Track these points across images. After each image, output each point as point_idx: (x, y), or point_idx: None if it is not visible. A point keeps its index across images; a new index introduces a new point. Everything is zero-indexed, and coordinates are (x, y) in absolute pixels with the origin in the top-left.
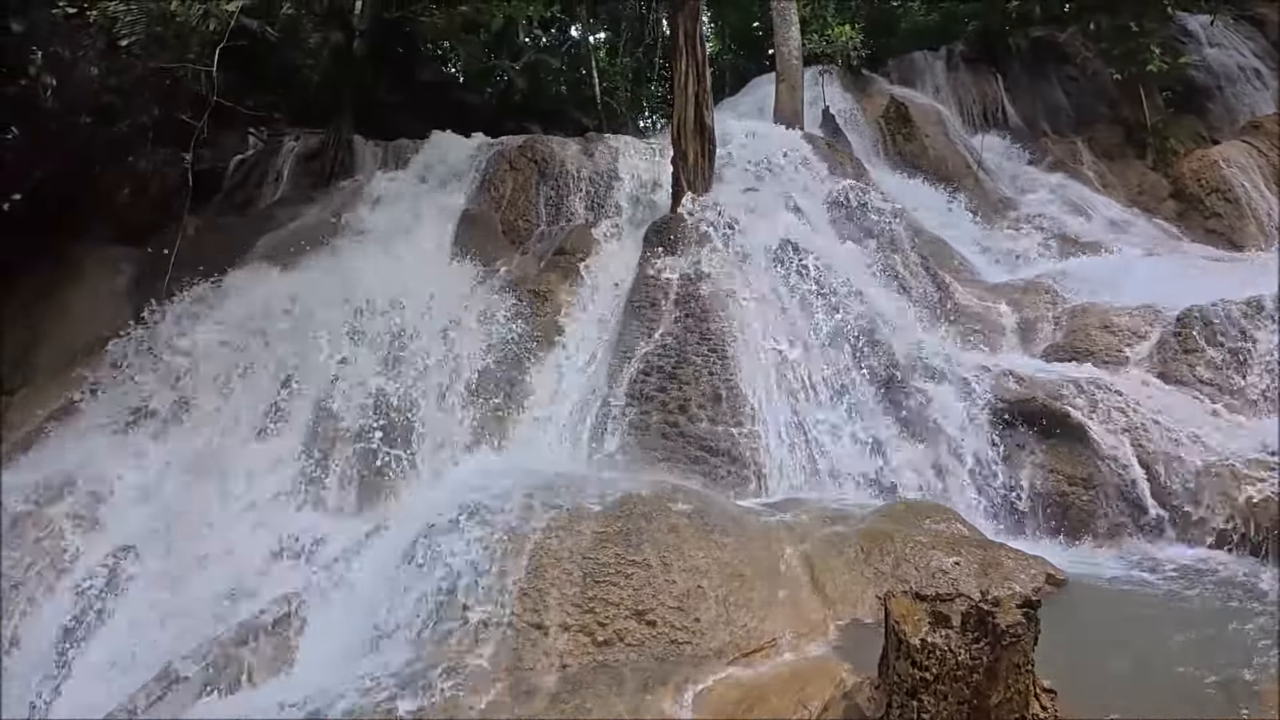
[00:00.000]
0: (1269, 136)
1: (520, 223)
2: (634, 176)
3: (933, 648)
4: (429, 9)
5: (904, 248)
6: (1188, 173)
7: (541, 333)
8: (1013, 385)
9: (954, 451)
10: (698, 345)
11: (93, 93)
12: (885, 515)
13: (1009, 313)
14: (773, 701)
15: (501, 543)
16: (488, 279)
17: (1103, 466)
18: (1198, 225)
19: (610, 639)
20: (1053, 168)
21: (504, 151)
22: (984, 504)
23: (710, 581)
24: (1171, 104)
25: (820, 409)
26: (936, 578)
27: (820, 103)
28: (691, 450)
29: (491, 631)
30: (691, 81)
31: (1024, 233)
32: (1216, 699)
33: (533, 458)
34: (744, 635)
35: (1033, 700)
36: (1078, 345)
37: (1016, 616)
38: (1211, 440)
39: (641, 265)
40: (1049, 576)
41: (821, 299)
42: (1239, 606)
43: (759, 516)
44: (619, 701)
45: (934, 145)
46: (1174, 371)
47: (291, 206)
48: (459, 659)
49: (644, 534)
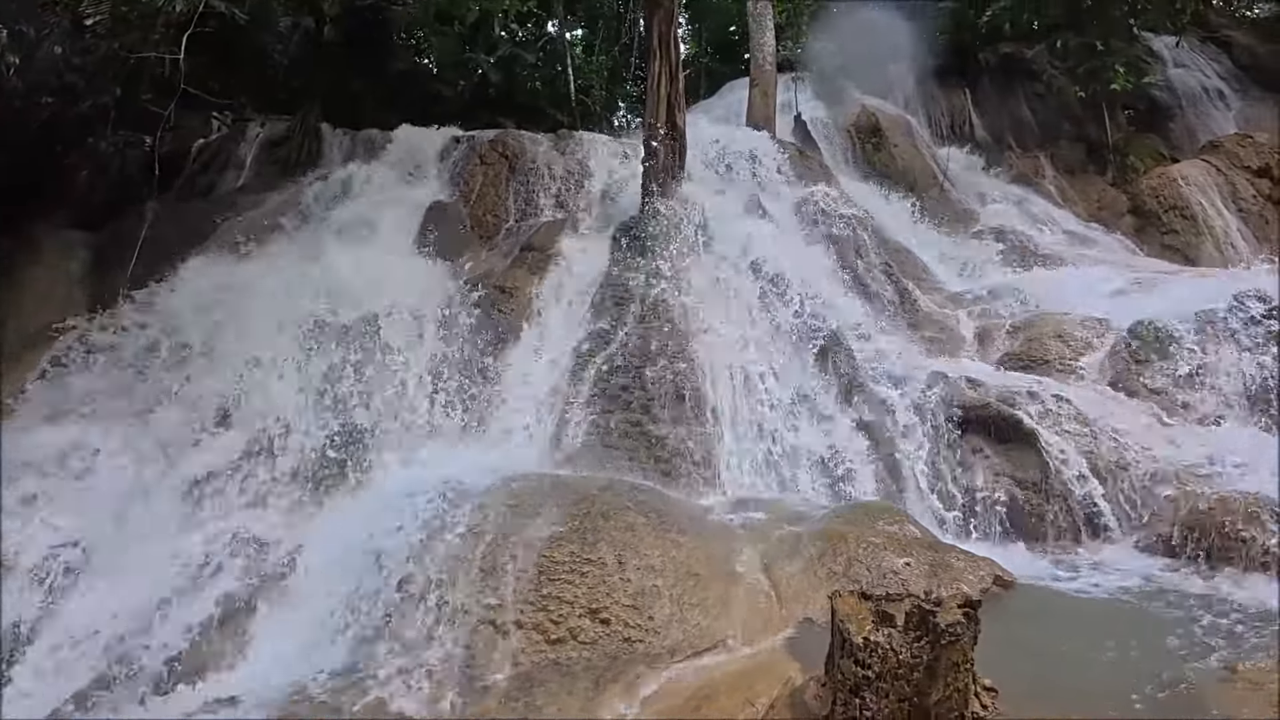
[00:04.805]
0: (1229, 156)
1: (489, 218)
2: (605, 175)
3: (875, 646)
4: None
5: (868, 254)
6: (1147, 190)
7: (506, 329)
8: (969, 391)
9: (910, 455)
10: (662, 346)
11: (56, 73)
12: (840, 516)
13: (968, 321)
14: (722, 700)
15: (456, 540)
16: (454, 273)
17: (1053, 472)
18: (1155, 241)
19: (564, 637)
20: (1016, 181)
21: (475, 145)
22: (938, 507)
23: (665, 580)
24: (1134, 122)
25: (781, 411)
26: (887, 578)
27: (792, 109)
28: (653, 450)
29: (444, 629)
30: (664, 83)
31: (985, 243)
32: (1157, 701)
33: (493, 455)
34: (697, 634)
35: (973, 698)
36: (1032, 354)
37: (957, 616)
38: (1159, 449)
39: (609, 264)
40: (997, 578)
41: (785, 302)
42: (1183, 612)
43: (716, 516)
44: (570, 699)
45: (902, 155)
46: (1124, 381)
47: (254, 194)
48: (410, 657)
49: (600, 532)
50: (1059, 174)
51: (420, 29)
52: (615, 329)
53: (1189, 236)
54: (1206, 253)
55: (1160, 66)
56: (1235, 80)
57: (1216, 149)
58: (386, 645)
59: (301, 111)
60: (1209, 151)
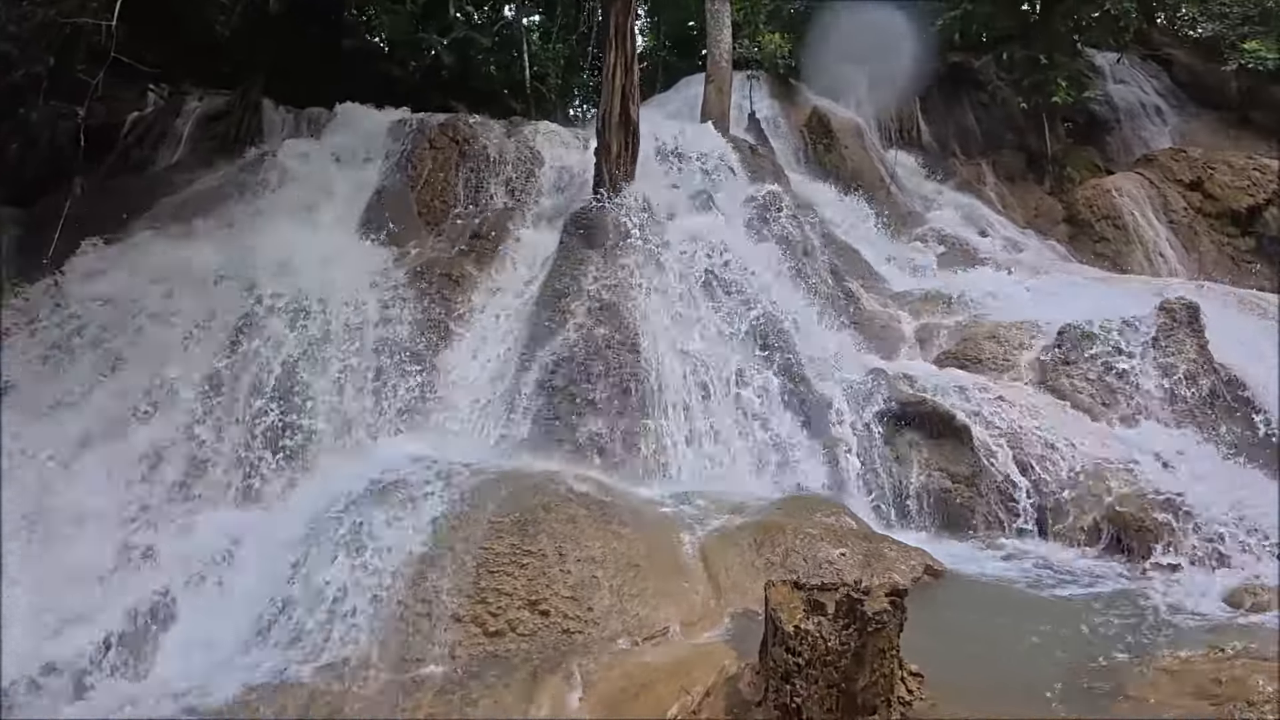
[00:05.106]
0: (1162, 170)
1: (437, 204)
2: (558, 165)
3: (805, 634)
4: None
5: (815, 253)
6: (1081, 199)
7: (452, 319)
8: (906, 389)
9: (849, 448)
10: (609, 338)
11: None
12: (779, 508)
13: (909, 320)
14: (658, 689)
15: (394, 533)
16: (399, 260)
17: (984, 467)
18: (1087, 249)
19: (502, 629)
20: (959, 187)
21: (424, 129)
22: (875, 499)
23: (605, 571)
24: (1072, 134)
25: (726, 404)
26: (823, 568)
27: (747, 107)
28: (599, 441)
29: (380, 623)
30: (620, 74)
31: (928, 246)
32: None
33: (435, 446)
34: (636, 624)
35: (898, 683)
36: (968, 353)
37: (884, 604)
38: (1084, 446)
39: (558, 254)
40: (928, 568)
41: (733, 298)
42: (1103, 601)
43: (659, 508)
44: (507, 692)
45: (852, 157)
46: (1053, 381)
47: (190, 171)
48: (345, 652)
49: (541, 524)
50: (1000, 181)
51: (371, 5)
52: (563, 320)
53: (1120, 245)
54: (1136, 261)
55: (1101, 81)
56: (1173, 96)
57: (1150, 162)
58: (321, 640)
59: (242, 86)
60: (1143, 165)
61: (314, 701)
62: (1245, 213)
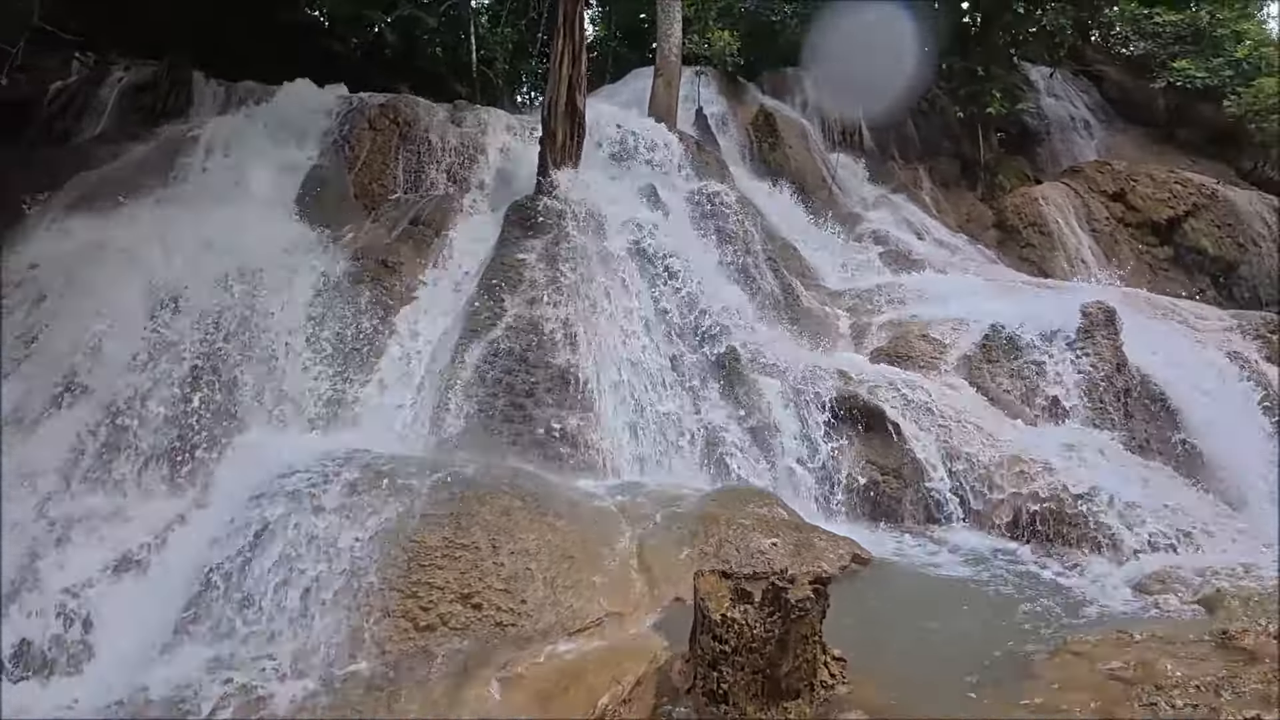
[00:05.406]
0: (1087, 181)
1: (374, 187)
2: (502, 152)
3: (732, 622)
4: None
5: (756, 250)
6: (1010, 206)
7: (387, 307)
8: (840, 384)
9: (784, 441)
10: (549, 329)
11: None
12: (714, 500)
13: (845, 317)
14: (590, 679)
15: (323, 527)
16: (332, 244)
17: (911, 459)
18: (1014, 253)
19: (433, 623)
20: (897, 190)
21: (364, 109)
22: (808, 490)
23: (539, 564)
24: (1005, 144)
25: (664, 397)
26: (755, 558)
27: (695, 102)
28: (537, 434)
29: (308, 618)
30: (567, 63)
31: (866, 246)
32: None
33: (367, 437)
34: (570, 616)
35: (821, 668)
36: (899, 350)
37: (807, 592)
38: (1006, 440)
39: (499, 244)
40: (855, 556)
41: (673, 291)
42: (1019, 589)
43: (595, 500)
44: (436, 686)
45: (796, 157)
46: (978, 379)
47: (114, 144)
48: (272, 647)
49: (475, 517)
50: (935, 186)
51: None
52: (502, 310)
53: (1044, 251)
54: (1059, 266)
55: (1034, 95)
56: (1102, 111)
57: (1077, 173)
58: (247, 636)
59: (171, 57)
60: (1069, 175)
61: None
62: (1165, 224)
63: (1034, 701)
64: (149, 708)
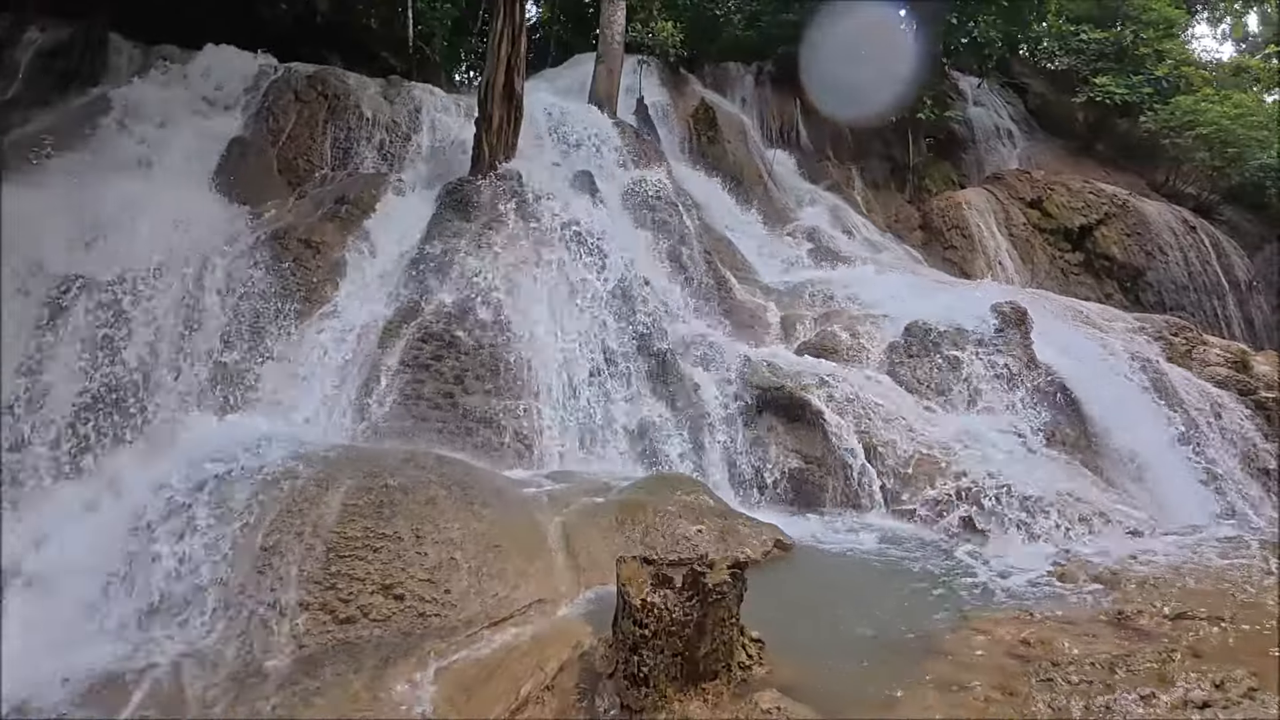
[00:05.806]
0: (1008, 187)
1: (300, 162)
2: (436, 131)
3: (651, 607)
4: None
5: (691, 242)
6: (935, 209)
7: (310, 288)
8: (768, 375)
9: (713, 430)
10: (480, 315)
11: None
12: (641, 487)
13: (775, 310)
14: (513, 667)
15: (238, 517)
16: (254, 221)
17: (833, 448)
18: (937, 254)
19: (353, 615)
20: (830, 189)
21: (291, 79)
22: (735, 478)
23: (464, 553)
24: (933, 149)
25: (595, 386)
26: (680, 544)
27: (637, 92)
28: (466, 422)
29: (221, 614)
30: (506, 43)
31: (798, 241)
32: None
33: (286, 424)
34: (495, 605)
35: (739, 649)
36: (825, 344)
37: (724, 576)
38: (923, 431)
39: (431, 226)
40: (778, 542)
41: (607, 280)
42: (931, 571)
43: (523, 488)
44: (355, 680)
45: (734, 151)
46: (898, 372)
47: (23, 110)
48: (181, 645)
49: (398, 506)
50: (866, 187)
51: None
52: (431, 295)
53: (965, 252)
54: (979, 267)
55: (963, 103)
56: (1024, 122)
57: (998, 180)
58: (154, 633)
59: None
60: (991, 182)
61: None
62: (1078, 231)
63: (937, 675)
64: (47, 709)
